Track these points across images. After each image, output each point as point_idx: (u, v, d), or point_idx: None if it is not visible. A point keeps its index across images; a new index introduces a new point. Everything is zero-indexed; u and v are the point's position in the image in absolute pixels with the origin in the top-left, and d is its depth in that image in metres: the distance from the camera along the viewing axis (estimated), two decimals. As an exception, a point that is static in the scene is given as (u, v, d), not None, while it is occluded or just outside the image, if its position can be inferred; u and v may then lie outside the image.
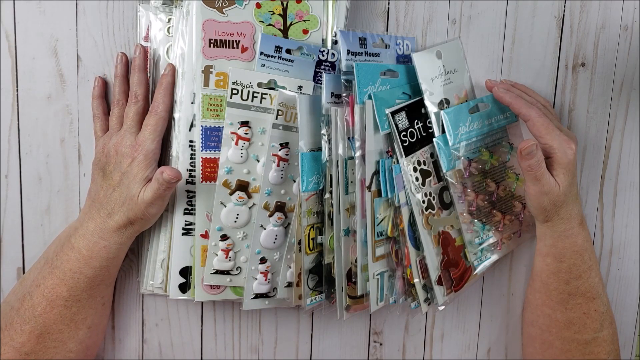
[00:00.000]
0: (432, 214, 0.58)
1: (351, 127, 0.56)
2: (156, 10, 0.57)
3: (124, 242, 0.56)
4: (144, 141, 0.55)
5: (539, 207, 0.57)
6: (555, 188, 0.56)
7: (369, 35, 0.58)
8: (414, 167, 0.57)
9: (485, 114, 0.61)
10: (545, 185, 0.56)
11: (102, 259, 0.55)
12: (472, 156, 0.60)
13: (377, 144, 0.56)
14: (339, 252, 0.57)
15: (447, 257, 0.60)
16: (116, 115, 0.57)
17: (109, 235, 0.55)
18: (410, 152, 0.57)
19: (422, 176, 0.58)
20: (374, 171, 0.56)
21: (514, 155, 0.63)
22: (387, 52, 0.60)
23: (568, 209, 0.58)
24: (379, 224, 0.57)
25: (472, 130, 0.60)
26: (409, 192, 0.57)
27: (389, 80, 0.58)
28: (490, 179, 0.62)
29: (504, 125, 0.62)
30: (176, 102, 0.56)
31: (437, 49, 0.60)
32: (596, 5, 0.64)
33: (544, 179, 0.55)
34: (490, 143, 0.62)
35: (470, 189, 0.60)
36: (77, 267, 0.54)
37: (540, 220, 0.59)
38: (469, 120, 0.60)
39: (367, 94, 0.56)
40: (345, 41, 0.57)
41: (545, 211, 0.57)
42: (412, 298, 0.60)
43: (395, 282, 0.59)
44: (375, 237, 0.57)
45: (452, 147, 0.58)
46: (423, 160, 0.58)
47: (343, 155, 0.56)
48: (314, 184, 0.57)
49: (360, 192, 0.56)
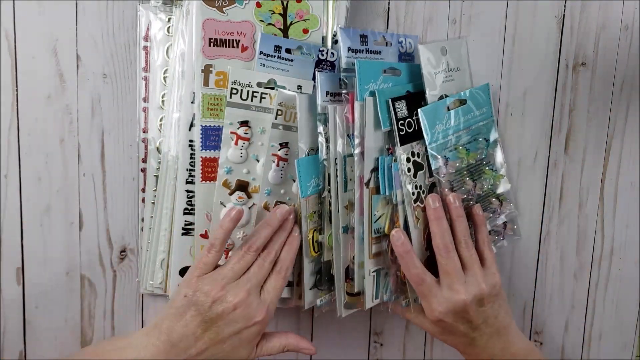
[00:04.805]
0: (420, 207, 0.58)
1: (351, 124, 0.55)
2: (156, 9, 0.57)
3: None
4: (271, 308, 0.52)
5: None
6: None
7: (370, 32, 0.58)
8: (408, 157, 0.57)
9: (461, 111, 0.60)
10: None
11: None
12: (449, 154, 0.59)
13: (377, 141, 0.56)
14: (337, 249, 0.57)
15: (430, 253, 0.59)
16: (244, 265, 0.53)
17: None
18: (406, 143, 0.57)
19: (414, 168, 0.57)
20: (372, 168, 0.56)
21: (489, 151, 0.63)
22: (389, 50, 0.60)
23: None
24: (377, 221, 0.57)
25: (448, 128, 0.59)
26: (403, 182, 0.56)
27: (390, 78, 0.57)
28: (468, 177, 0.61)
29: (479, 121, 0.62)
30: (176, 101, 0.56)
31: (443, 45, 0.60)
32: (596, 5, 0.64)
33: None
34: (467, 140, 0.61)
35: (447, 188, 0.59)
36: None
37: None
38: (446, 118, 0.59)
39: (368, 91, 0.56)
40: (345, 38, 0.56)
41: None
42: (404, 296, 0.60)
43: (389, 279, 0.59)
44: (372, 234, 0.57)
45: (429, 145, 0.57)
46: (417, 153, 0.58)
47: (342, 152, 0.56)
48: (312, 187, 0.57)
49: (358, 189, 0.56)
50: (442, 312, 0.55)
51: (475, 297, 0.55)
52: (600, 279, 0.71)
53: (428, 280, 0.55)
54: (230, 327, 0.50)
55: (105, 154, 0.60)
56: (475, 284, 0.55)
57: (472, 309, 0.55)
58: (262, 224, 0.55)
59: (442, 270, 0.55)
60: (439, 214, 0.56)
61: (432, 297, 0.55)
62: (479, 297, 0.55)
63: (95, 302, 0.62)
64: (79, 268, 0.61)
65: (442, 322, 0.55)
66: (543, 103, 0.66)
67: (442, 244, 0.55)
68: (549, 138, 0.67)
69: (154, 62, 0.58)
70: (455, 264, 0.55)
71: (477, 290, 0.55)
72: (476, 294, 0.55)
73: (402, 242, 0.55)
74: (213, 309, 0.50)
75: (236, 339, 0.51)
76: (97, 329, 0.62)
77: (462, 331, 0.56)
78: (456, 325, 0.55)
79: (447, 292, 0.55)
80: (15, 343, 0.61)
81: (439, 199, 0.57)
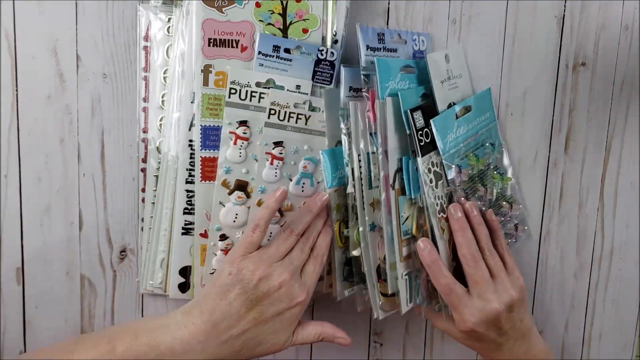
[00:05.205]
0: (444, 218, 0.57)
1: (373, 123, 0.55)
2: (156, 9, 0.57)
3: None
4: (310, 291, 0.53)
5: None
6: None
7: (387, 30, 0.58)
8: (429, 167, 0.56)
9: (468, 118, 0.60)
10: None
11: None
12: (460, 162, 0.59)
13: (400, 141, 0.56)
14: (366, 247, 0.56)
15: (457, 263, 0.58)
16: (287, 247, 0.53)
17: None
18: (426, 153, 0.56)
19: (435, 178, 0.57)
20: (396, 169, 0.55)
21: (496, 155, 0.63)
22: (404, 48, 0.60)
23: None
24: (404, 222, 0.56)
25: (458, 136, 0.59)
26: (426, 193, 0.56)
27: (407, 75, 0.58)
28: (480, 183, 0.61)
29: (484, 126, 0.62)
30: (176, 101, 0.56)
31: (446, 52, 0.60)
32: (596, 5, 0.64)
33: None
34: (475, 146, 0.61)
35: (463, 197, 0.59)
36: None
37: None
38: (455, 126, 0.59)
39: (387, 89, 0.55)
40: (364, 37, 0.56)
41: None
42: (435, 301, 0.59)
43: (420, 283, 0.58)
44: (401, 235, 0.56)
45: (443, 155, 0.57)
46: (435, 162, 0.57)
47: (365, 149, 0.55)
48: (338, 178, 0.57)
49: (384, 190, 0.55)
50: (475, 323, 0.54)
51: (507, 305, 0.54)
52: (600, 279, 0.71)
53: (458, 290, 0.54)
54: (274, 307, 0.50)
55: (105, 154, 0.60)
56: (506, 291, 0.55)
57: (503, 316, 0.54)
58: (302, 210, 0.56)
59: (470, 279, 0.55)
60: (462, 224, 0.56)
61: (462, 307, 0.54)
62: (510, 304, 0.55)
63: (95, 302, 0.62)
64: (79, 268, 0.61)
65: (474, 331, 0.55)
66: (543, 103, 0.66)
67: (469, 253, 0.55)
68: (549, 138, 0.66)
69: (154, 62, 0.58)
70: (484, 273, 0.55)
71: (508, 297, 0.55)
72: (507, 302, 0.55)
73: (428, 251, 0.54)
74: (259, 288, 0.50)
75: (278, 320, 0.51)
76: (97, 329, 0.62)
77: (491, 338, 0.55)
78: (487, 334, 0.55)
79: (478, 302, 0.54)
80: (15, 343, 0.61)
81: (461, 208, 0.56)
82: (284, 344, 0.52)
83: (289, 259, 0.53)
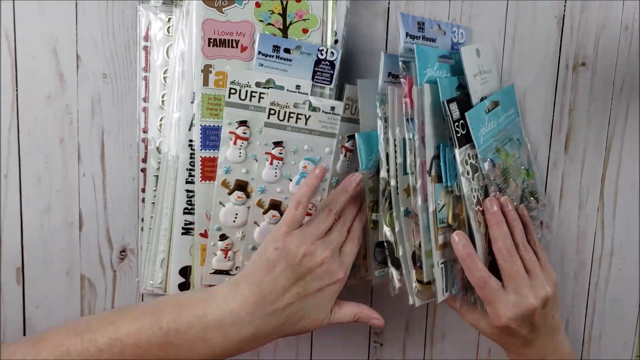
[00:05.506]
0: (480, 211, 0.57)
1: (410, 109, 0.55)
2: (156, 9, 0.57)
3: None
4: (348, 271, 0.54)
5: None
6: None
7: (427, 20, 0.58)
8: (466, 159, 0.56)
9: (496, 113, 0.60)
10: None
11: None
12: (492, 157, 0.59)
13: (436, 128, 0.55)
14: (400, 233, 0.56)
15: (493, 257, 0.57)
16: (326, 226, 0.54)
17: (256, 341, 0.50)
18: (463, 145, 0.56)
19: (472, 171, 0.56)
20: (433, 155, 0.55)
21: (522, 151, 0.63)
22: (443, 39, 0.60)
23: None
24: (440, 210, 0.56)
25: (490, 131, 0.59)
26: (463, 184, 0.55)
27: (444, 65, 0.58)
28: (511, 178, 0.61)
29: (510, 122, 0.62)
30: (176, 101, 0.56)
31: (477, 47, 0.60)
32: (596, 5, 0.64)
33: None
34: (503, 141, 0.61)
35: (497, 191, 0.58)
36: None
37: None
38: (487, 120, 0.58)
39: (426, 75, 0.55)
40: (405, 24, 0.56)
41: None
42: (471, 292, 0.58)
43: (456, 273, 0.57)
44: (437, 223, 0.55)
45: (478, 149, 0.56)
46: (471, 155, 0.57)
47: (400, 135, 0.56)
48: (373, 161, 0.58)
49: (420, 177, 0.55)
50: (510, 318, 0.54)
51: (542, 300, 0.54)
52: (600, 279, 0.71)
53: (493, 284, 0.54)
54: (316, 282, 0.51)
55: (105, 154, 0.60)
56: (541, 287, 0.55)
57: (537, 312, 0.54)
58: (339, 190, 0.56)
59: (505, 274, 0.54)
60: (498, 218, 0.55)
61: (497, 302, 0.54)
62: (545, 300, 0.54)
63: (95, 302, 0.62)
64: (79, 268, 0.61)
65: (507, 327, 0.54)
66: (543, 103, 0.66)
67: (505, 247, 0.54)
68: (549, 138, 0.67)
69: (154, 62, 0.58)
70: (519, 267, 0.54)
71: (544, 293, 0.54)
72: (543, 297, 0.54)
73: (463, 244, 0.54)
74: (303, 263, 0.51)
75: (319, 295, 0.52)
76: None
77: (523, 334, 0.55)
78: (519, 330, 0.55)
79: (514, 297, 0.54)
80: (15, 343, 0.61)
81: (497, 202, 0.56)
82: (324, 320, 0.53)
83: (329, 239, 0.54)
